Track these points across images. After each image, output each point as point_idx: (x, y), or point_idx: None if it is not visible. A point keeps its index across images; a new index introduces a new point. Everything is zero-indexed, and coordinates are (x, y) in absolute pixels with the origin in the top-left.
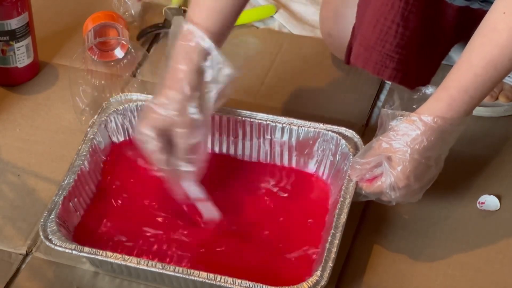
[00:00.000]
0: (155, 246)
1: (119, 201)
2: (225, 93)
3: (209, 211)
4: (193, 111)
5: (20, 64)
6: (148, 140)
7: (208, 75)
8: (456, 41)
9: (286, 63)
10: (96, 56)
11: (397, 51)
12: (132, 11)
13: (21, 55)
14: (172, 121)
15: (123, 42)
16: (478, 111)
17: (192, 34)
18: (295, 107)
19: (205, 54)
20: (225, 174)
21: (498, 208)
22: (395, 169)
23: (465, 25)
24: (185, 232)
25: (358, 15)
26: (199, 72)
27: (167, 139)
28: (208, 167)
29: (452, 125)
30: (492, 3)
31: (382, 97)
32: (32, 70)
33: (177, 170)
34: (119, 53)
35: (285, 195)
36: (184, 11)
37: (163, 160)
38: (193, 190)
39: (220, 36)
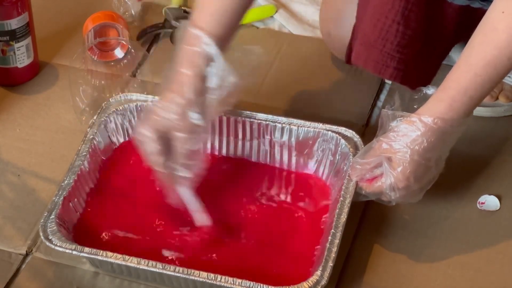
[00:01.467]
0: (155, 246)
1: (119, 202)
2: (228, 100)
3: (200, 219)
4: (195, 116)
5: (20, 64)
6: (147, 141)
7: (212, 81)
8: (457, 41)
9: (286, 63)
10: (96, 56)
11: (398, 50)
12: (132, 11)
13: (21, 55)
14: (172, 124)
15: (123, 42)
16: (478, 111)
17: (198, 39)
18: (295, 107)
19: (210, 59)
20: (225, 174)
21: (498, 208)
22: (395, 169)
23: (466, 24)
24: (185, 232)
25: (358, 14)
26: (203, 78)
27: (166, 142)
28: (208, 167)
29: (453, 126)
30: (491, 2)
31: (382, 97)
32: (32, 70)
33: (173, 175)
34: (119, 53)
35: (285, 195)
36: (184, 11)
37: (160, 163)
38: (187, 197)
39: (225, 40)
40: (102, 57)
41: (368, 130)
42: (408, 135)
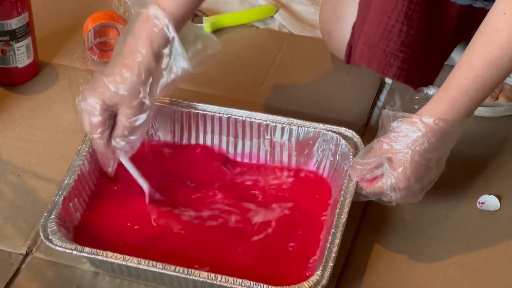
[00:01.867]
0: (155, 246)
1: (119, 201)
2: (174, 85)
3: (142, 183)
4: (143, 95)
5: (20, 64)
6: (92, 111)
7: (164, 63)
8: (459, 41)
9: (286, 63)
10: (96, 56)
11: (401, 49)
12: (132, 11)
13: (21, 55)
14: (121, 99)
15: None
16: (478, 111)
17: (158, 19)
18: (295, 107)
19: (167, 41)
20: (224, 174)
21: (498, 208)
22: (395, 170)
23: (468, 24)
24: (185, 232)
25: (360, 13)
26: (157, 58)
27: (109, 113)
28: (207, 167)
29: (453, 127)
30: (494, 2)
31: (382, 97)
32: (32, 70)
33: (111, 145)
34: None
35: (285, 195)
36: None
37: (100, 133)
38: (126, 165)
39: (182, 22)
40: (102, 57)
41: (368, 130)
42: (409, 136)
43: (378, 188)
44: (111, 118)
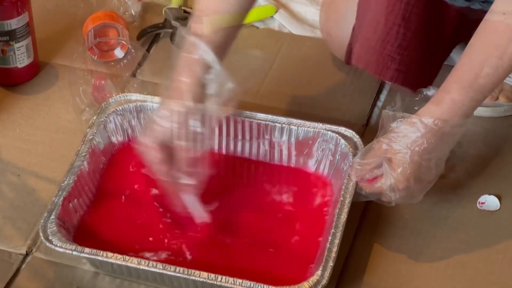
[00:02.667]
0: (155, 246)
1: (119, 202)
2: (228, 106)
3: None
4: (195, 124)
5: (20, 64)
6: (149, 151)
7: (211, 88)
8: (457, 42)
9: (286, 63)
10: (96, 56)
11: (398, 52)
12: (132, 11)
13: (21, 55)
14: (173, 133)
15: (123, 42)
16: (478, 111)
17: (195, 46)
18: (295, 107)
19: (208, 67)
20: (224, 174)
21: (498, 208)
22: (395, 170)
23: (466, 26)
24: (185, 233)
25: (359, 15)
26: (202, 85)
27: (169, 151)
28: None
29: (453, 127)
30: (492, 3)
31: (382, 97)
32: (32, 70)
33: (177, 182)
34: (119, 53)
35: (285, 195)
36: (184, 11)
37: (163, 171)
38: (191, 204)
39: (223, 48)
40: (102, 57)
41: (368, 130)
42: (408, 136)
43: (378, 188)
44: (170, 155)
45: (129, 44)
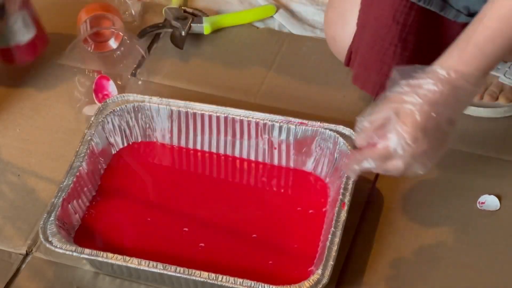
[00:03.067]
0: (155, 247)
1: (118, 202)
2: None
3: None
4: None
5: (21, 40)
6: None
7: None
8: None
9: (286, 63)
10: (90, 48)
11: None
12: (132, 11)
13: (19, 31)
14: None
15: (115, 31)
16: (479, 112)
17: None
18: (295, 107)
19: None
20: (223, 174)
21: (498, 208)
22: (403, 122)
23: None
24: (185, 233)
25: (359, 27)
26: None
27: None
28: (206, 167)
29: (465, 81)
30: None
31: None
32: (39, 45)
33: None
34: (113, 43)
35: (284, 194)
36: (185, 11)
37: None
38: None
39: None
40: (97, 48)
41: None
42: (419, 86)
43: (384, 149)
44: None
45: (123, 34)
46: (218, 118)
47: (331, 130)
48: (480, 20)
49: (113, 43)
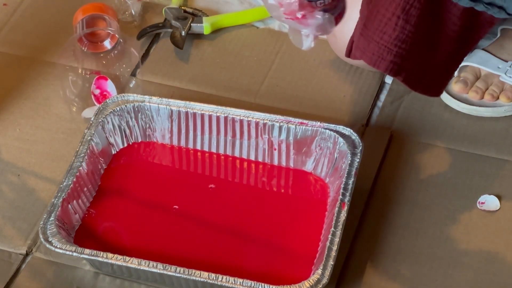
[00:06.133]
0: (155, 247)
1: (118, 202)
2: None
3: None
4: None
5: None
6: None
7: None
8: (467, 50)
9: (286, 63)
10: (85, 47)
11: (395, 44)
12: (132, 11)
13: None
14: None
15: (111, 32)
16: (479, 111)
17: None
18: (295, 107)
19: None
20: (223, 174)
21: (498, 208)
22: None
23: (470, 28)
24: (185, 233)
25: (362, 8)
26: None
27: None
28: (206, 167)
29: None
30: (497, 6)
31: (382, 97)
32: None
33: None
34: (108, 44)
35: (284, 194)
36: (184, 11)
37: None
38: None
39: None
40: (92, 48)
41: (368, 130)
42: None
43: None
44: None
45: (118, 35)
46: (218, 118)
47: (331, 130)
48: None
49: (108, 44)
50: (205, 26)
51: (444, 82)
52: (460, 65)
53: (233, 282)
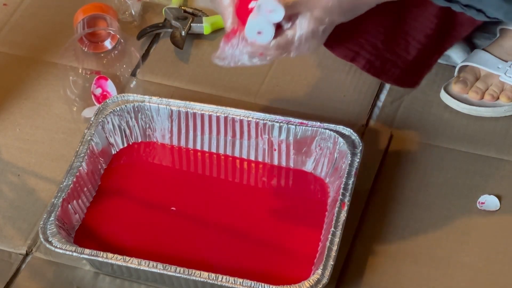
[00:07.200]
0: (155, 247)
1: (118, 202)
2: None
3: None
4: None
5: None
6: None
7: None
8: (443, 46)
9: (286, 63)
10: (86, 47)
11: (366, 38)
12: (132, 11)
13: None
14: None
15: (112, 32)
16: (479, 111)
17: None
18: (295, 107)
19: None
20: (223, 174)
21: (498, 208)
22: None
23: (448, 27)
24: (185, 233)
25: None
26: None
27: None
28: (206, 167)
29: None
30: (475, 9)
31: (382, 97)
32: None
33: None
34: (109, 44)
35: (284, 194)
36: (184, 11)
37: None
38: None
39: None
40: (92, 48)
41: (368, 130)
42: None
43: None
44: None
45: (119, 35)
46: (218, 118)
47: (331, 130)
48: None
49: (108, 44)
50: (205, 26)
51: (420, 75)
52: (460, 65)
53: (233, 282)
